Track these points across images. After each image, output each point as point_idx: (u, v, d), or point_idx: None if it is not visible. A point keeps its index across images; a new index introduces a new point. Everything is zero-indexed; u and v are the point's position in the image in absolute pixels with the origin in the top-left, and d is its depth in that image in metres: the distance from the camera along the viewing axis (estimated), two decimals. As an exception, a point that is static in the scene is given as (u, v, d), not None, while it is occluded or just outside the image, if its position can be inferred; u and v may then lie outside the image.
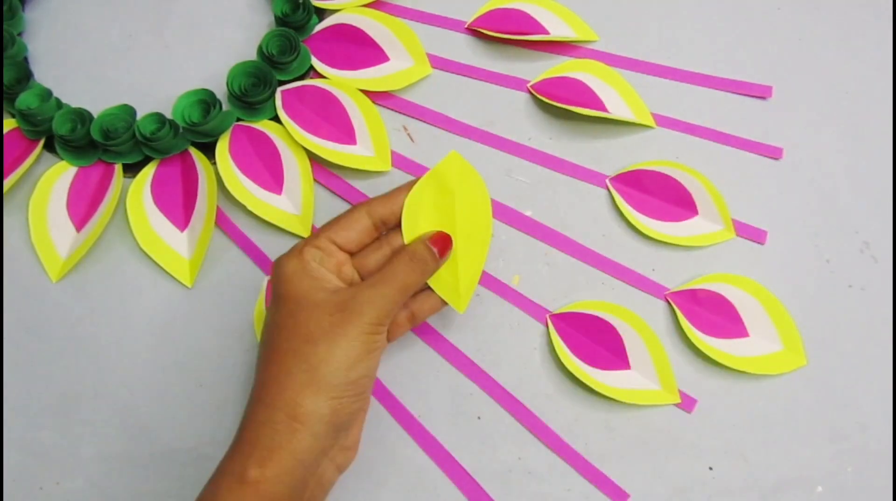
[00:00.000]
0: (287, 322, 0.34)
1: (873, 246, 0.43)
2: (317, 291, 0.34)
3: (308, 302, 0.34)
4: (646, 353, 0.41)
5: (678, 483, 0.39)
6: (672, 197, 0.44)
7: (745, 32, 0.48)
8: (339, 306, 0.34)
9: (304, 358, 0.33)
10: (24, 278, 0.43)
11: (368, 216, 0.37)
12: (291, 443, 0.32)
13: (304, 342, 0.33)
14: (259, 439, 0.32)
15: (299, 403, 0.32)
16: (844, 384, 0.41)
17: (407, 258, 0.36)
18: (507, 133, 0.46)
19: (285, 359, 0.33)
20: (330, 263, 0.36)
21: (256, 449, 0.32)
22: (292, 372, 0.33)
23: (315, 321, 0.33)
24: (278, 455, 0.32)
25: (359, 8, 0.48)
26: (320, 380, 0.32)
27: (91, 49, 0.49)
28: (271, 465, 0.31)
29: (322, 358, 0.33)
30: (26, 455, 0.41)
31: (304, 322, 0.33)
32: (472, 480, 0.40)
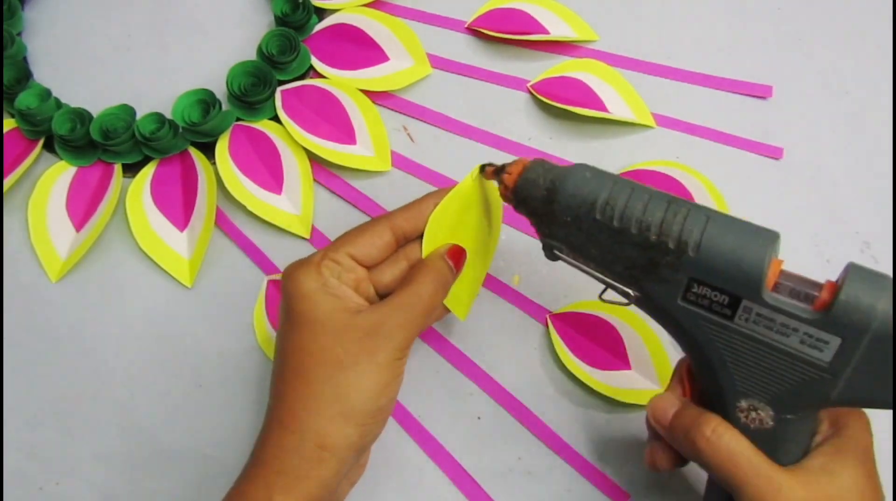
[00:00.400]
0: (311, 347, 0.32)
1: (873, 246, 0.43)
2: (341, 312, 0.32)
3: (333, 326, 0.32)
4: (646, 353, 0.41)
5: (678, 484, 0.39)
6: (672, 197, 0.44)
7: (745, 32, 0.48)
8: (367, 331, 0.32)
9: (332, 386, 0.31)
10: (24, 278, 0.43)
11: (391, 232, 0.35)
12: (319, 472, 0.31)
13: (333, 369, 0.32)
14: (284, 465, 0.31)
15: (329, 433, 0.31)
16: (844, 384, 0.41)
17: (431, 278, 0.34)
18: (507, 133, 0.46)
19: (313, 385, 0.32)
20: (348, 279, 0.34)
21: (281, 477, 0.31)
22: (321, 399, 0.31)
23: (343, 346, 0.32)
24: (306, 484, 0.31)
25: (359, 8, 0.48)
26: (350, 408, 0.31)
27: (91, 49, 0.49)
28: (298, 493, 0.31)
29: (351, 386, 0.31)
30: (26, 455, 0.41)
31: (330, 348, 0.32)
32: (472, 480, 0.40)
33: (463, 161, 0.45)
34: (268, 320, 0.42)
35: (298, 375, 0.32)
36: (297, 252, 0.43)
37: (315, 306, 0.32)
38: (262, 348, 0.42)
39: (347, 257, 0.34)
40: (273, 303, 0.42)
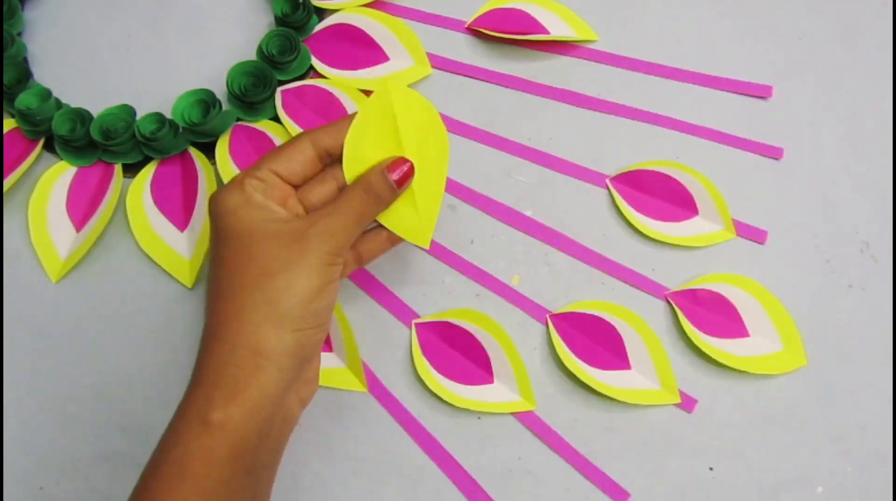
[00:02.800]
0: (239, 257, 0.32)
1: (873, 246, 0.43)
2: (268, 222, 0.32)
3: (261, 234, 0.32)
4: (646, 353, 0.41)
5: (678, 483, 0.39)
6: (672, 197, 0.44)
7: (745, 32, 0.48)
8: (294, 236, 0.32)
9: (262, 292, 0.31)
10: (24, 278, 0.43)
11: (312, 146, 0.34)
12: (257, 380, 0.30)
13: (262, 275, 0.31)
14: (221, 378, 0.30)
15: (262, 338, 0.31)
16: (844, 384, 0.41)
17: (362, 189, 0.34)
18: (507, 133, 0.46)
19: (242, 294, 0.31)
20: (273, 195, 0.34)
21: (218, 389, 0.30)
22: (251, 306, 0.31)
23: (271, 253, 0.31)
24: (244, 394, 0.30)
25: (359, 8, 0.48)
26: (282, 313, 0.31)
27: (91, 49, 0.49)
28: (237, 405, 0.30)
29: (282, 291, 0.31)
30: (26, 455, 0.41)
31: (258, 255, 0.31)
32: (472, 480, 0.40)
33: (463, 161, 0.45)
34: None
35: (228, 287, 0.32)
36: (298, 252, 0.44)
37: (240, 220, 0.32)
38: None
39: (270, 173, 0.34)
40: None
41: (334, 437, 0.40)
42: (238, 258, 0.32)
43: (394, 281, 0.43)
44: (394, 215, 0.36)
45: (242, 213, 0.32)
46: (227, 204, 0.32)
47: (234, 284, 0.32)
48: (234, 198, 0.33)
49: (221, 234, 0.33)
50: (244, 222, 0.32)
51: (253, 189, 0.33)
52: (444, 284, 0.43)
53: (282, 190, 0.34)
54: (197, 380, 0.31)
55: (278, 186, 0.34)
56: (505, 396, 0.41)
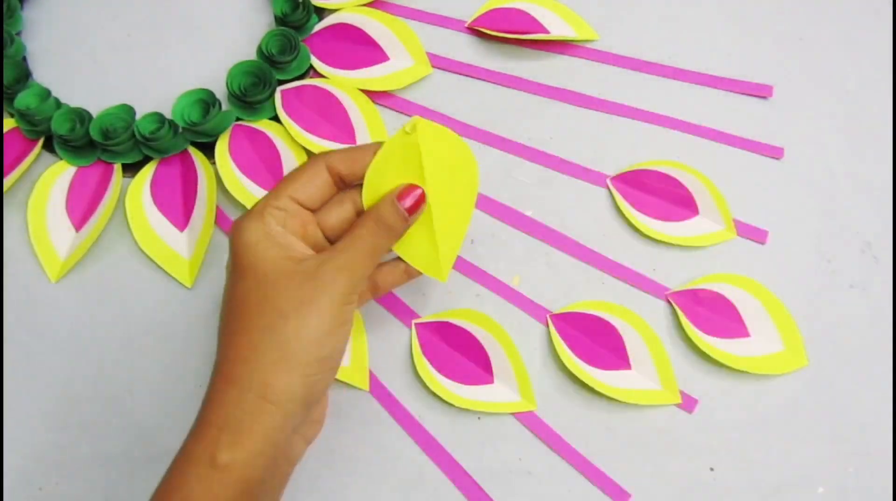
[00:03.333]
0: (253, 295, 0.32)
1: (874, 246, 0.43)
2: (284, 260, 0.32)
3: (275, 274, 0.32)
4: (646, 353, 0.41)
5: (679, 483, 0.39)
6: (673, 197, 0.44)
7: (745, 32, 0.48)
8: (307, 276, 0.32)
9: (274, 334, 0.31)
10: (24, 278, 0.43)
11: (327, 171, 0.35)
12: (263, 424, 0.30)
13: (275, 317, 0.31)
14: (228, 420, 0.30)
15: (271, 382, 0.30)
16: (845, 384, 0.41)
17: (372, 222, 0.33)
18: (507, 133, 0.46)
19: (253, 335, 0.31)
20: (294, 224, 0.34)
21: (225, 432, 0.30)
22: (262, 349, 0.31)
23: (285, 293, 0.31)
24: (250, 438, 0.30)
25: (359, 7, 0.48)
26: (292, 357, 0.31)
27: (90, 49, 0.49)
28: (242, 448, 0.30)
29: (293, 335, 0.31)
30: (26, 455, 0.41)
31: (272, 296, 0.31)
32: (472, 480, 0.39)
33: (463, 161, 0.45)
34: None
35: (240, 327, 0.32)
36: (297, 252, 0.44)
37: (257, 256, 0.32)
38: None
39: (290, 200, 0.34)
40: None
41: (334, 437, 0.40)
42: (252, 297, 0.32)
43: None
44: (413, 248, 0.36)
45: (261, 248, 0.32)
46: (248, 237, 0.32)
47: (248, 324, 0.31)
48: (255, 231, 0.32)
49: (239, 269, 0.32)
50: (260, 258, 0.32)
51: (273, 221, 0.33)
52: (444, 284, 0.43)
53: (301, 217, 0.34)
54: (204, 419, 0.31)
55: (298, 214, 0.34)
56: (505, 396, 0.41)
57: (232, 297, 0.32)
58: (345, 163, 0.35)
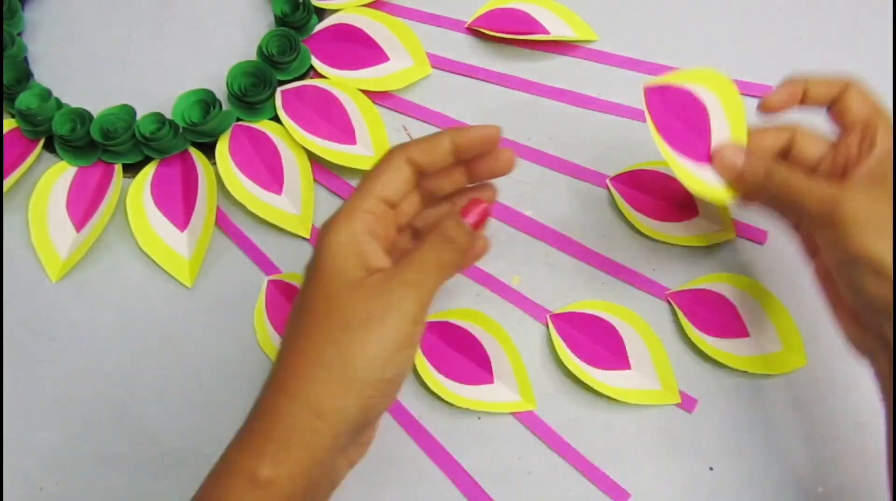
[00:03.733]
0: (321, 303, 0.30)
1: (873, 246, 0.43)
2: (359, 270, 0.30)
3: (347, 283, 0.30)
4: (646, 353, 0.41)
5: (679, 483, 0.39)
6: (672, 197, 0.44)
7: (745, 32, 0.48)
8: (377, 290, 0.30)
9: (337, 350, 0.29)
10: (24, 278, 0.43)
11: (408, 165, 0.33)
12: (311, 442, 0.29)
13: (340, 330, 0.29)
14: (275, 432, 0.29)
15: (327, 400, 0.29)
16: (844, 384, 0.41)
17: (440, 238, 0.32)
18: (507, 133, 0.46)
19: (315, 347, 0.29)
20: (380, 228, 0.32)
21: (271, 444, 0.29)
22: (323, 364, 0.29)
23: (353, 306, 0.30)
24: (296, 455, 0.29)
25: (359, 8, 0.48)
26: (352, 377, 0.29)
27: (91, 49, 0.49)
28: (287, 464, 0.28)
29: (358, 351, 0.29)
30: (26, 455, 0.41)
31: (341, 306, 0.30)
32: (472, 480, 0.39)
33: (463, 161, 0.45)
34: (268, 320, 0.42)
35: (304, 335, 0.30)
36: (297, 252, 0.44)
37: (335, 261, 0.30)
38: (262, 348, 0.42)
39: (378, 201, 0.32)
40: (273, 304, 0.42)
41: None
42: (321, 305, 0.30)
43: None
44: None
45: (341, 253, 0.31)
46: (335, 239, 0.31)
47: (312, 335, 0.30)
48: (343, 234, 0.31)
49: (314, 273, 0.31)
50: (337, 264, 0.31)
51: (361, 225, 0.31)
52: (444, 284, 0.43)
53: (386, 220, 0.33)
54: (250, 428, 0.30)
55: (384, 217, 0.33)
56: (505, 396, 0.41)
57: (302, 300, 0.31)
58: (425, 154, 0.33)
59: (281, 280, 0.43)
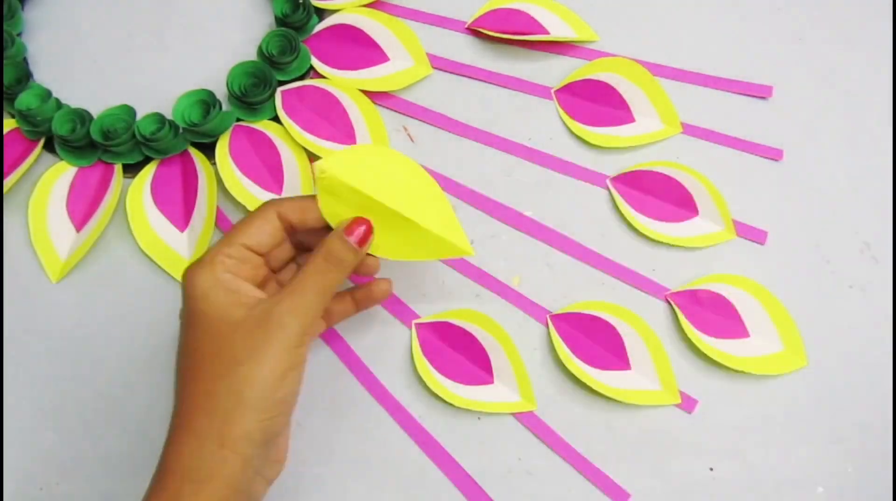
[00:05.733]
0: (206, 344, 0.32)
1: (873, 247, 0.43)
2: (236, 307, 0.32)
3: (227, 321, 0.32)
4: (646, 353, 0.41)
5: (679, 484, 0.39)
6: (672, 197, 0.44)
7: (745, 32, 0.48)
8: (258, 322, 0.32)
9: (228, 381, 0.31)
10: (24, 279, 0.43)
11: (278, 219, 0.34)
12: (223, 472, 0.31)
13: (228, 364, 0.31)
14: (189, 471, 0.31)
15: (228, 430, 0.31)
16: (844, 384, 0.41)
17: (321, 259, 0.33)
18: (507, 133, 0.46)
19: (209, 383, 0.31)
20: (245, 270, 0.34)
21: (187, 483, 0.30)
22: (218, 397, 0.31)
23: (237, 341, 0.32)
24: (211, 487, 0.30)
25: (359, 8, 0.48)
26: (247, 403, 0.31)
27: (91, 49, 0.49)
28: (206, 498, 0.30)
29: (247, 380, 0.31)
30: (26, 455, 0.41)
31: (225, 344, 0.32)
32: (472, 480, 0.40)
33: (463, 161, 0.45)
34: None
35: (196, 375, 0.32)
36: (298, 252, 0.44)
37: (210, 304, 0.32)
38: None
39: (241, 248, 0.34)
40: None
41: (334, 437, 0.40)
42: (206, 346, 0.32)
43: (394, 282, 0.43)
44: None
45: (212, 296, 0.32)
46: (200, 285, 0.32)
47: (203, 372, 0.32)
48: (206, 279, 0.32)
49: (192, 318, 0.32)
50: (214, 307, 0.32)
51: (223, 268, 0.33)
52: (444, 284, 0.43)
53: (253, 263, 0.34)
54: (165, 469, 0.31)
55: (249, 260, 0.34)
56: (505, 396, 0.41)
57: (186, 345, 0.33)
58: (295, 212, 0.35)
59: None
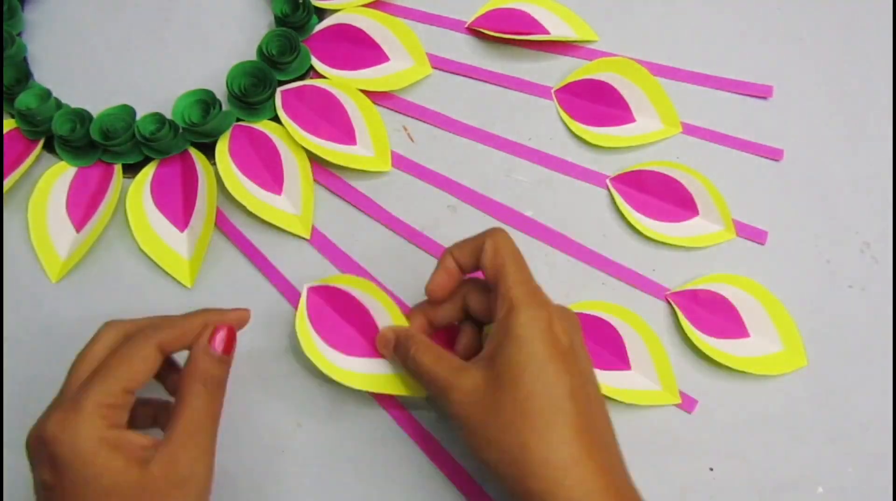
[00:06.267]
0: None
1: (873, 246, 0.43)
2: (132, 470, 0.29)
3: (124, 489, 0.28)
4: (646, 353, 0.41)
5: (679, 484, 0.39)
6: (672, 197, 0.44)
7: (745, 32, 0.48)
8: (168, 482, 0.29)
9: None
10: (24, 279, 0.43)
11: (160, 352, 0.32)
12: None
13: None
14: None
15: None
16: (844, 384, 0.41)
17: (198, 383, 0.31)
18: (507, 133, 0.46)
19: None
20: (125, 415, 0.31)
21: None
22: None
23: None
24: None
25: (359, 8, 0.48)
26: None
27: (91, 49, 0.49)
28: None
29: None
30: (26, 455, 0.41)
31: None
32: (473, 480, 0.39)
33: (462, 161, 0.45)
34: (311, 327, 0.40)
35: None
36: (298, 252, 0.44)
37: (101, 472, 0.28)
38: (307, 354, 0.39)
39: (124, 393, 0.30)
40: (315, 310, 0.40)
41: (334, 437, 0.40)
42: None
43: (395, 282, 0.43)
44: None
45: (101, 460, 0.28)
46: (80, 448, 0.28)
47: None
48: (87, 439, 0.28)
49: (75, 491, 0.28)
50: (105, 476, 0.28)
51: (107, 424, 0.29)
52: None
53: (130, 402, 0.31)
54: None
55: (128, 403, 0.31)
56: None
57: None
58: (176, 343, 0.32)
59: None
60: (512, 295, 0.33)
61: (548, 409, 0.30)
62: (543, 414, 0.30)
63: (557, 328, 0.32)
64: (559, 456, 0.30)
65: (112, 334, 0.34)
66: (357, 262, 0.43)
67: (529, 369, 0.31)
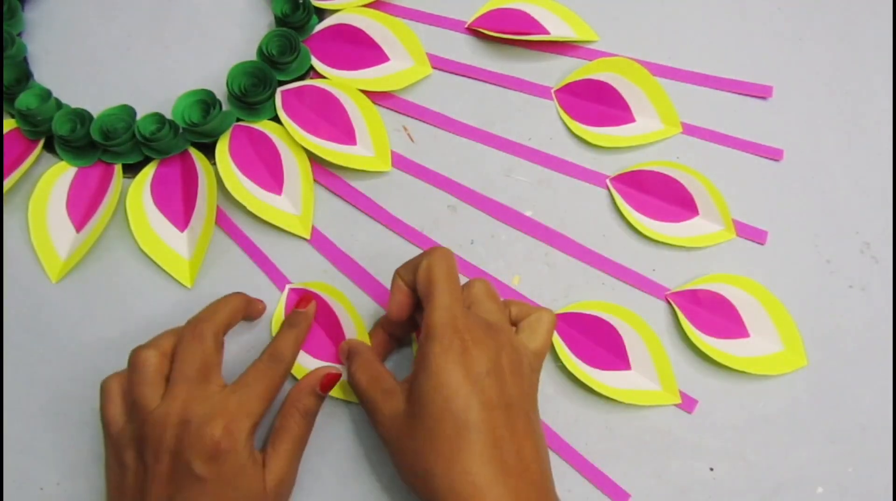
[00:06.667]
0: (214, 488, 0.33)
1: (874, 246, 0.44)
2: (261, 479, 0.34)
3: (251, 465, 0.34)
4: (646, 353, 0.41)
5: (679, 484, 0.39)
6: (672, 197, 0.44)
7: (745, 32, 0.48)
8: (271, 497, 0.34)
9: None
10: (24, 279, 0.43)
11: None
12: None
13: None
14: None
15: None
16: (844, 384, 0.41)
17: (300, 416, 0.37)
18: (507, 133, 0.46)
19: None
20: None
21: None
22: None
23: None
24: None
25: (359, 8, 0.48)
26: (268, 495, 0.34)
27: (91, 49, 0.49)
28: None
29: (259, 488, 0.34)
30: (26, 455, 0.41)
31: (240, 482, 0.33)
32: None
33: (462, 161, 0.45)
34: None
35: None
36: (298, 252, 0.44)
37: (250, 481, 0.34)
38: None
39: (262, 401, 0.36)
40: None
41: (334, 437, 0.40)
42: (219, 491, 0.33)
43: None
44: None
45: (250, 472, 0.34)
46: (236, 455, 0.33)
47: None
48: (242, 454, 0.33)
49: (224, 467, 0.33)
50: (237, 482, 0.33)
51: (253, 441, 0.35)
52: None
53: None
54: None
55: None
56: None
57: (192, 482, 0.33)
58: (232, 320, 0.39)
59: (302, 289, 0.42)
60: (430, 321, 0.34)
61: (454, 438, 0.31)
62: (449, 442, 0.31)
63: (474, 354, 0.33)
64: (463, 484, 0.31)
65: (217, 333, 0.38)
66: (357, 262, 0.43)
67: (437, 398, 0.32)
